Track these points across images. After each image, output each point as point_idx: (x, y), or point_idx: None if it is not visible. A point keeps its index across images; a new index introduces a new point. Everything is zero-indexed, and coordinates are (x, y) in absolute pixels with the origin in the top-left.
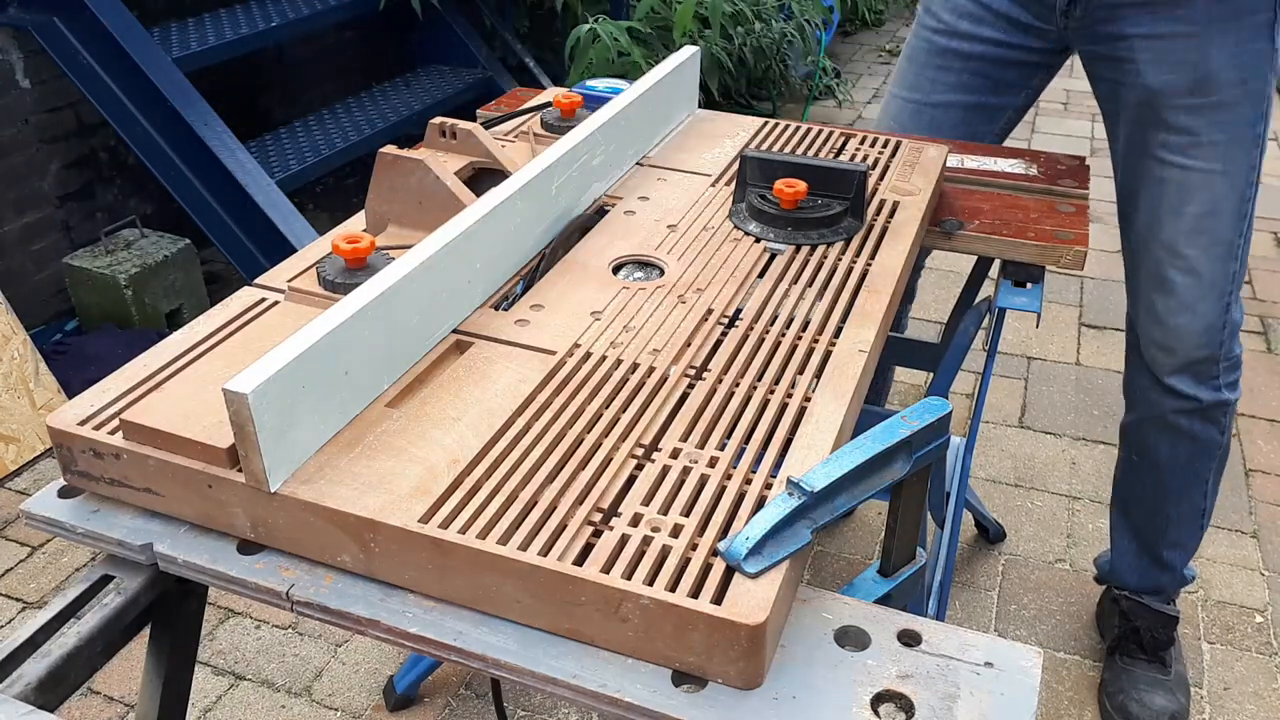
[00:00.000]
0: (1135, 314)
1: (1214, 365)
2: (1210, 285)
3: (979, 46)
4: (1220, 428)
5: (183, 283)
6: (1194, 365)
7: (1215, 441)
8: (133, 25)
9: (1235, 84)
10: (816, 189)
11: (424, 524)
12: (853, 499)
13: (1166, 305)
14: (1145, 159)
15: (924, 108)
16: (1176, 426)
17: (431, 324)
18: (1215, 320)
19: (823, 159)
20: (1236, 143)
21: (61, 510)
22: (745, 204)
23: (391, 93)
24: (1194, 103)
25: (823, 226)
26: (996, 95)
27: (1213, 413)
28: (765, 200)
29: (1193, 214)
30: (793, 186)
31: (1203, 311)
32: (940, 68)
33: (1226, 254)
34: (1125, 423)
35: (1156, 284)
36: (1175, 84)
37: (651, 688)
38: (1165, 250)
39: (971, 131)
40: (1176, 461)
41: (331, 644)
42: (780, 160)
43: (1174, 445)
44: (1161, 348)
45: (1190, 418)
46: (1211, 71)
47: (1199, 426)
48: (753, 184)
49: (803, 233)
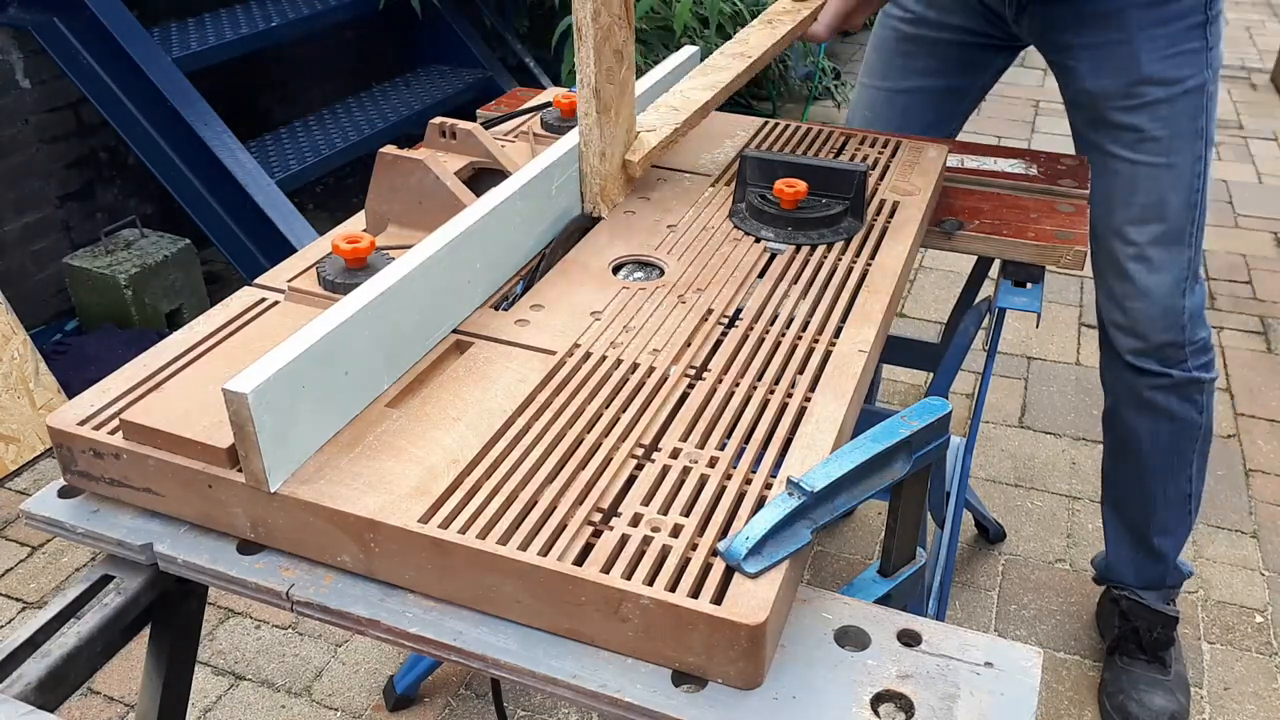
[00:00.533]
0: (1099, 299)
1: (1179, 349)
2: (1164, 271)
3: (946, 33)
4: (1198, 406)
5: (183, 283)
6: (1159, 349)
7: (1194, 421)
8: (133, 25)
9: (1171, 83)
10: (817, 189)
11: (424, 524)
12: (853, 499)
13: (1124, 290)
14: (1095, 152)
15: (895, 94)
16: (1153, 404)
17: (431, 324)
18: (1172, 304)
19: (823, 159)
20: (1180, 137)
21: (61, 510)
22: (745, 204)
23: (391, 93)
24: (1132, 103)
25: (823, 226)
26: (964, 77)
27: (1187, 389)
28: (766, 200)
29: (1140, 204)
30: (793, 186)
31: (1158, 297)
32: (909, 54)
33: (1178, 241)
34: (1105, 410)
35: (1113, 270)
36: (1112, 87)
37: (651, 688)
38: (1118, 238)
39: (942, 113)
40: (1158, 444)
41: (331, 644)
42: (780, 160)
43: (1154, 425)
44: (1125, 331)
45: (1166, 394)
46: (1146, 74)
47: (1175, 403)
48: (753, 184)
49: (803, 233)
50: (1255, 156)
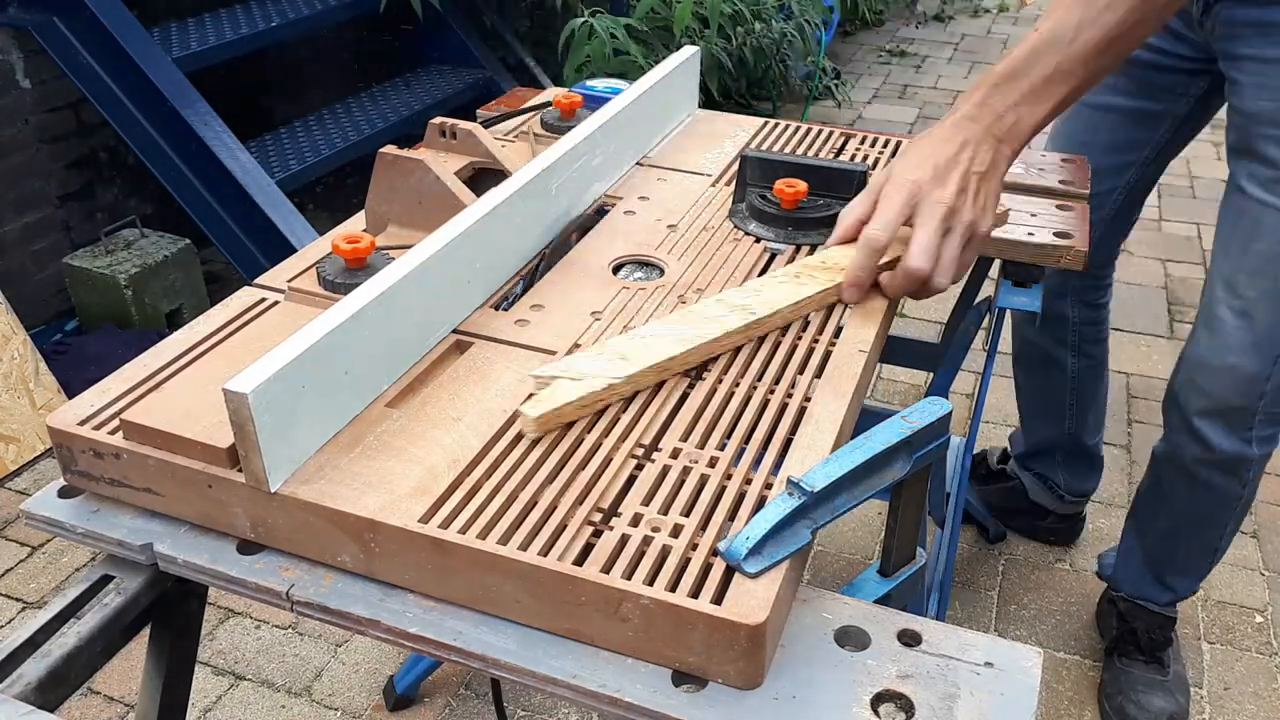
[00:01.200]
0: (1186, 345)
1: (1249, 417)
2: (1263, 333)
3: (1139, 53)
4: (1242, 481)
5: (183, 283)
6: (1226, 413)
7: (1235, 494)
8: (133, 25)
9: None
10: (817, 189)
11: (424, 524)
12: (853, 499)
13: (1210, 345)
14: (1231, 189)
15: (1081, 108)
16: (1195, 475)
17: (431, 324)
18: (1259, 372)
19: (823, 159)
20: None
21: (61, 510)
22: (745, 204)
23: (391, 93)
24: None
25: (823, 227)
26: (1156, 101)
27: (1234, 465)
28: (766, 200)
29: (1259, 252)
30: (793, 186)
31: (1248, 360)
32: None
33: None
34: (1155, 449)
35: (1207, 319)
36: (1271, 111)
37: (651, 688)
38: (1224, 286)
39: (1131, 137)
40: (1195, 508)
41: (331, 644)
42: (781, 160)
43: (1191, 492)
44: (1195, 385)
45: (1210, 468)
46: None
47: (1219, 478)
48: (753, 184)
49: (803, 233)
50: None
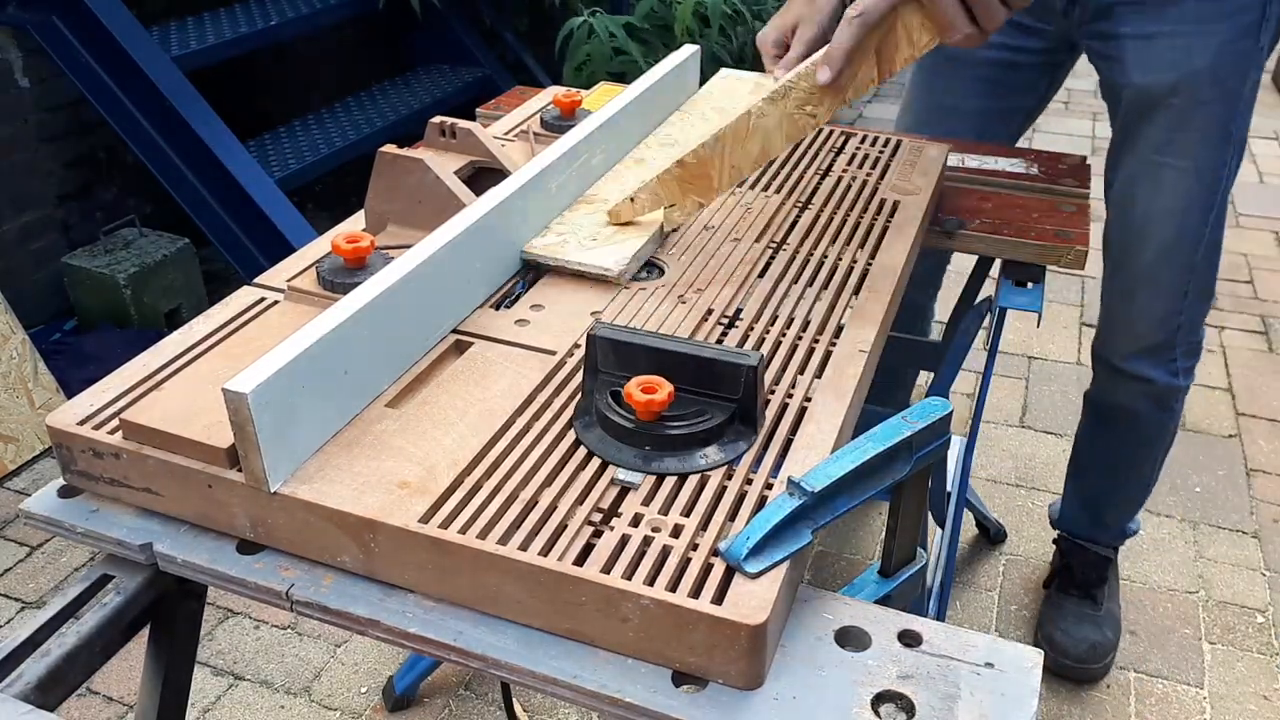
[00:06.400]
0: (1104, 291)
1: (1170, 350)
2: (1172, 274)
3: (985, 52)
4: (1172, 414)
5: (182, 282)
6: (1150, 349)
7: (1166, 427)
8: (132, 25)
9: (1213, 83)
10: (687, 387)
11: (424, 524)
12: (853, 499)
13: (1127, 286)
14: (1127, 154)
15: (936, 113)
16: (1129, 409)
17: (431, 324)
18: (1173, 307)
19: (702, 343)
20: (1209, 141)
21: (61, 510)
22: (594, 407)
23: (391, 92)
24: (1174, 101)
25: (695, 446)
26: (1006, 99)
27: (1165, 398)
28: (615, 406)
29: (1162, 207)
30: (652, 390)
31: (1163, 298)
32: (949, 75)
33: (1191, 246)
34: (1087, 391)
35: (1122, 265)
36: (1159, 83)
37: (651, 688)
38: (1134, 234)
39: (985, 135)
40: (1128, 443)
41: (331, 644)
42: (641, 345)
43: (1128, 425)
44: (1121, 325)
45: (1146, 401)
46: (1194, 71)
47: (1152, 411)
48: (605, 371)
49: (663, 456)
50: (1256, 156)
